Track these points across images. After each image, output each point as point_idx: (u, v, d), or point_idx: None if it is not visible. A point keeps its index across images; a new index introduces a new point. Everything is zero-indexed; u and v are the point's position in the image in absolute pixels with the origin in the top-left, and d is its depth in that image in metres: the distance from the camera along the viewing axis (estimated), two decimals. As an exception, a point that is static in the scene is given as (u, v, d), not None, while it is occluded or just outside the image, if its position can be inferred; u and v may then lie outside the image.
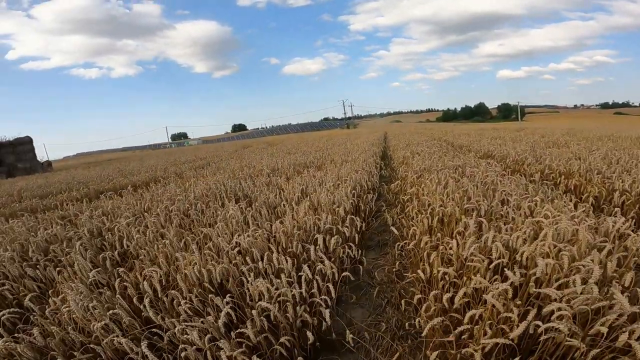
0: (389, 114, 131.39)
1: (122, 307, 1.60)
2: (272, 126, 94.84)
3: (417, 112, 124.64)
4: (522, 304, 1.30)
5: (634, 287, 1.31)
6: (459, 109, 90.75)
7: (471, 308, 1.34)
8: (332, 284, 1.63)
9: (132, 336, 1.49)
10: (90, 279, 1.90)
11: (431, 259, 1.69)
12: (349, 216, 2.44)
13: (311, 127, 75.99)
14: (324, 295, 1.57)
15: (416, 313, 1.74)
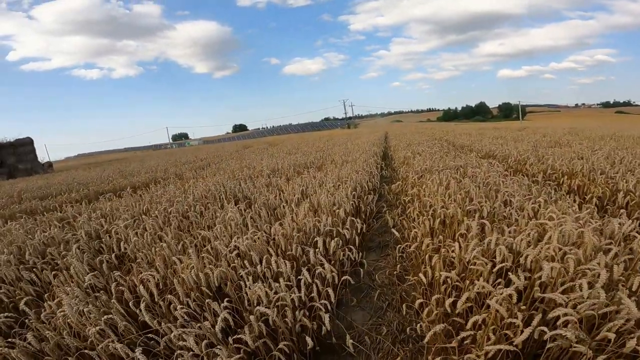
0: (389, 113, 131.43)
1: (118, 311, 1.57)
2: (273, 126, 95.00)
3: (417, 112, 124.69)
4: (526, 308, 1.27)
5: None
6: (459, 108, 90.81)
7: (474, 313, 1.31)
8: (332, 287, 1.59)
9: (128, 341, 1.47)
10: (87, 283, 1.87)
11: (433, 262, 1.66)
12: (349, 218, 2.42)
13: (312, 127, 75.96)
14: (323, 300, 1.54)
15: (418, 316, 1.71)
